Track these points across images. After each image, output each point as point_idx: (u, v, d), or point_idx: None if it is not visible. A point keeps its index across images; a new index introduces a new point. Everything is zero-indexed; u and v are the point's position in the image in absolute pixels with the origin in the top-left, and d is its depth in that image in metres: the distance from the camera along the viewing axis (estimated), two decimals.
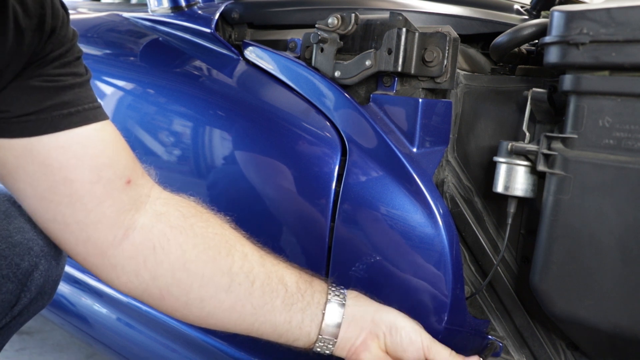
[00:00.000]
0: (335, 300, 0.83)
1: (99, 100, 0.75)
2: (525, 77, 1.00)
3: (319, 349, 0.83)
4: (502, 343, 0.98)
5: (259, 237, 1.05)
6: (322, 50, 0.99)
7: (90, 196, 0.72)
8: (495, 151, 0.92)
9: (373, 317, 0.84)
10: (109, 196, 0.73)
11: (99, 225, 0.74)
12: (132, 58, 1.35)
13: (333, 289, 0.85)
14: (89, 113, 0.72)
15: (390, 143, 0.91)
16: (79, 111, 0.71)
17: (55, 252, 0.80)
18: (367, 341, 0.83)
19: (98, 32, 1.46)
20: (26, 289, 0.77)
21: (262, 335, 0.82)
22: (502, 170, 0.91)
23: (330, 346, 0.83)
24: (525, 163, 0.89)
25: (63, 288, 1.44)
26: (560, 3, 1.17)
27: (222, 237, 0.81)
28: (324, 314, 0.82)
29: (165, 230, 0.77)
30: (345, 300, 0.84)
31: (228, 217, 0.86)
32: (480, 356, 0.88)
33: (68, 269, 1.45)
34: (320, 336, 0.82)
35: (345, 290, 0.86)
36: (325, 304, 0.82)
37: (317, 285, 0.84)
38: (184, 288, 0.77)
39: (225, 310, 0.79)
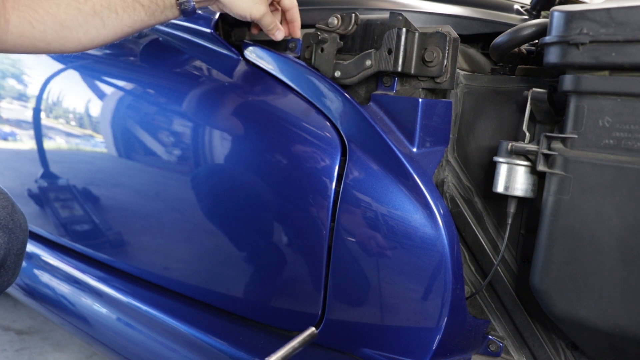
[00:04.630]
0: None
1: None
2: (525, 77, 1.00)
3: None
4: (502, 343, 0.98)
5: (259, 237, 1.05)
6: (322, 50, 0.99)
7: None
8: (495, 151, 0.92)
9: None
10: None
11: None
12: (132, 58, 1.34)
13: None
14: None
15: (390, 143, 0.91)
16: None
17: (13, 226, 0.84)
18: None
19: None
20: None
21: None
22: (502, 170, 0.91)
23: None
24: (525, 163, 0.89)
25: (63, 288, 1.44)
26: (560, 3, 1.17)
27: None
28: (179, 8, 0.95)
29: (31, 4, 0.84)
30: None
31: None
32: None
33: (68, 268, 1.45)
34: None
35: None
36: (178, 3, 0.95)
37: None
38: (72, 41, 0.89)
39: (110, 39, 0.93)
